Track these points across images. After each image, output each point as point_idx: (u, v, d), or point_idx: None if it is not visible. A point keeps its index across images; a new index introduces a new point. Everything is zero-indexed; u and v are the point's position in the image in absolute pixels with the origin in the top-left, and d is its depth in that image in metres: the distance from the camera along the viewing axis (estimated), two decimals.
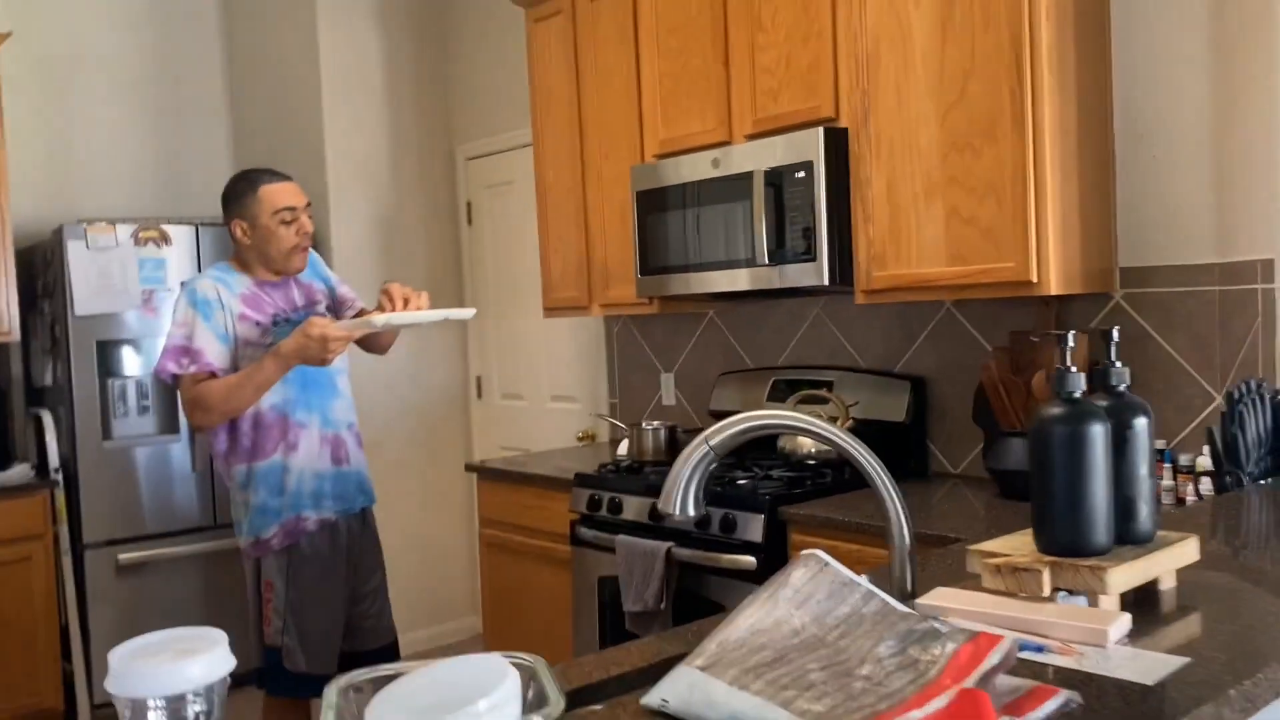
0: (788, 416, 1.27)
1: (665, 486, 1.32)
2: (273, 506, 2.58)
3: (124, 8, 4.57)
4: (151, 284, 3.92)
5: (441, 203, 4.66)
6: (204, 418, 2.52)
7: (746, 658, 0.86)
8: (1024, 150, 2.30)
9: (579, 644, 3.08)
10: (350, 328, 2.45)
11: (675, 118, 3.12)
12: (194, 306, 2.53)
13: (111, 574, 3.86)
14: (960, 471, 2.86)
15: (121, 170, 4.55)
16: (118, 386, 3.91)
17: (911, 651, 0.85)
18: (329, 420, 2.66)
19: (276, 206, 2.58)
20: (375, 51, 4.43)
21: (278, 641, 2.59)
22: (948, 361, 2.87)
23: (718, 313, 3.53)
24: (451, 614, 4.65)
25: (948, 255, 2.46)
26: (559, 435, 4.21)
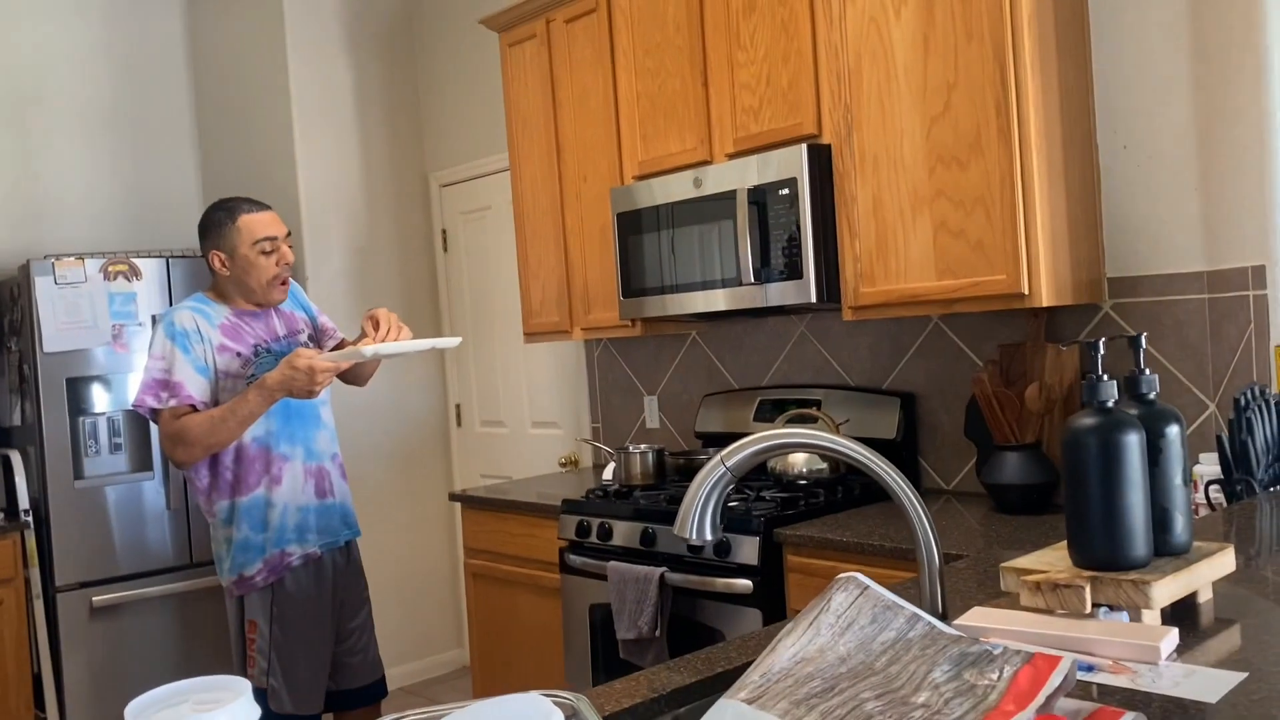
0: (806, 435, 1.24)
1: (681, 510, 1.28)
2: (256, 542, 2.51)
3: (89, 41, 4.49)
4: (122, 319, 3.83)
5: (417, 231, 4.61)
6: (185, 453, 2.45)
7: (795, 689, 0.82)
8: (1011, 162, 2.30)
9: (571, 674, 3.02)
10: (338, 358, 2.39)
11: (654, 138, 3.10)
12: (172, 339, 2.46)
13: (85, 617, 3.75)
14: (953, 487, 2.84)
15: (89, 204, 4.47)
16: (89, 424, 3.81)
17: (967, 676, 0.82)
18: (313, 452, 2.60)
19: (257, 236, 2.52)
20: (346, 80, 4.39)
21: (262, 682, 2.52)
22: (937, 376, 2.85)
23: (700, 333, 3.50)
24: (437, 647, 4.57)
25: (936, 269, 2.45)
26: (541, 462, 4.15)
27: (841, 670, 0.84)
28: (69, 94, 4.44)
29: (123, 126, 4.57)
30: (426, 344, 2.49)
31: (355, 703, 2.73)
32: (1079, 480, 1.05)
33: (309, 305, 2.80)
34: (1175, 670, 0.94)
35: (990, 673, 0.82)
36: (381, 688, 2.79)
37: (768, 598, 2.47)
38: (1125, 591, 1.02)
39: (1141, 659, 0.95)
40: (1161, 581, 1.02)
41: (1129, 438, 1.03)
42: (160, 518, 3.91)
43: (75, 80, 4.45)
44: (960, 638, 0.88)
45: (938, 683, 0.81)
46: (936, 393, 2.86)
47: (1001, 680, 0.80)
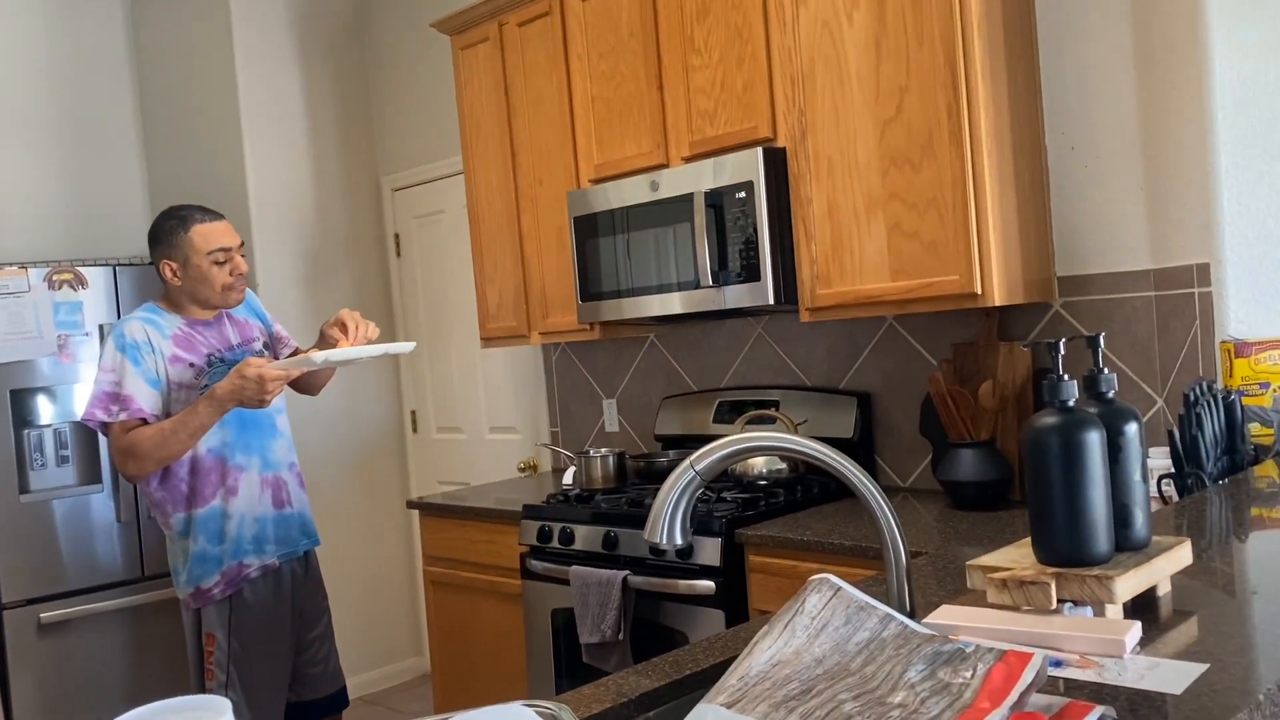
0: (774, 438, 1.25)
1: (651, 515, 1.28)
2: (213, 554, 2.48)
3: (29, 45, 4.39)
4: (67, 329, 3.75)
5: (369, 235, 4.57)
6: (136, 467, 2.40)
7: (773, 691, 0.83)
8: (963, 163, 2.34)
9: (534, 679, 3.01)
10: (288, 366, 2.36)
11: (610, 142, 3.11)
12: (122, 350, 2.42)
13: (33, 634, 3.66)
14: (910, 485, 2.88)
15: (32, 211, 4.36)
16: (34, 437, 3.73)
17: (941, 675, 0.83)
18: (269, 462, 2.57)
19: (210, 248, 2.48)
20: (295, 84, 4.33)
21: (221, 696, 2.48)
22: (892, 376, 2.89)
23: (658, 336, 3.51)
24: (396, 655, 4.53)
25: (891, 270, 2.49)
26: (499, 467, 4.13)
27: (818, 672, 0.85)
28: (8, 98, 4.33)
29: (65, 132, 4.48)
30: (379, 350, 2.47)
31: (317, 713, 2.71)
32: (1042, 478, 1.07)
33: (264, 314, 2.76)
34: (1140, 663, 0.96)
35: (964, 671, 0.83)
36: (343, 698, 2.77)
37: (730, 598, 2.48)
38: (1089, 587, 1.05)
39: (1107, 653, 0.97)
40: (1124, 576, 1.05)
41: (1090, 436, 1.06)
42: (110, 531, 3.83)
43: (14, 84, 4.35)
44: (933, 636, 0.90)
45: (913, 682, 0.83)
46: (892, 392, 2.89)
47: (975, 678, 0.82)
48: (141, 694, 3.83)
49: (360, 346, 2.44)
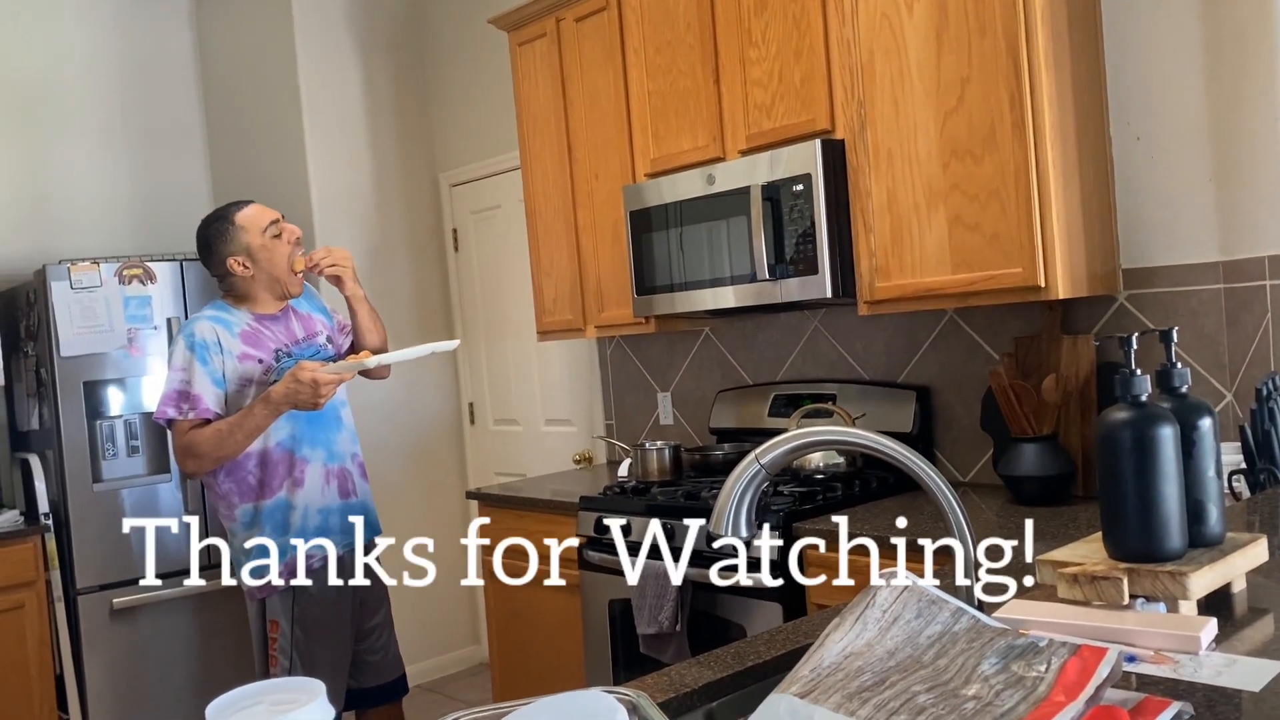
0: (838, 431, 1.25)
1: (715, 508, 1.29)
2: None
3: (99, 47, 4.51)
4: (137, 322, 3.85)
5: (427, 230, 4.63)
6: (195, 465, 2.47)
7: (846, 683, 0.84)
8: (1026, 155, 2.31)
9: (591, 669, 3.04)
10: (340, 370, 2.43)
11: (666, 136, 3.12)
12: (191, 350, 2.48)
13: (106, 619, 3.77)
14: (970, 479, 2.86)
15: (102, 209, 4.49)
16: (106, 428, 3.84)
17: (1015, 668, 0.83)
18: (334, 454, 2.63)
19: (262, 224, 2.57)
20: (356, 82, 4.40)
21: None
22: (952, 369, 2.87)
23: (713, 329, 3.51)
24: (454, 644, 4.59)
25: (952, 263, 2.47)
26: (555, 459, 4.17)
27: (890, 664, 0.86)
28: (79, 100, 4.46)
29: (133, 131, 4.60)
30: (426, 349, 2.53)
31: (377, 700, 2.76)
32: (1114, 474, 1.07)
33: (325, 307, 2.82)
34: (1216, 659, 0.96)
35: (1038, 665, 0.83)
36: (402, 685, 2.82)
37: (788, 592, 2.49)
38: (1163, 583, 1.04)
39: (1182, 649, 0.96)
40: (1199, 573, 1.04)
41: (1163, 431, 1.05)
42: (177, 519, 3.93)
43: (85, 86, 4.47)
44: (1005, 630, 0.90)
45: (987, 675, 0.83)
46: (952, 386, 2.87)
47: (1050, 672, 0.82)
48: (210, 678, 3.94)
49: (406, 349, 2.53)
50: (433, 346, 2.54)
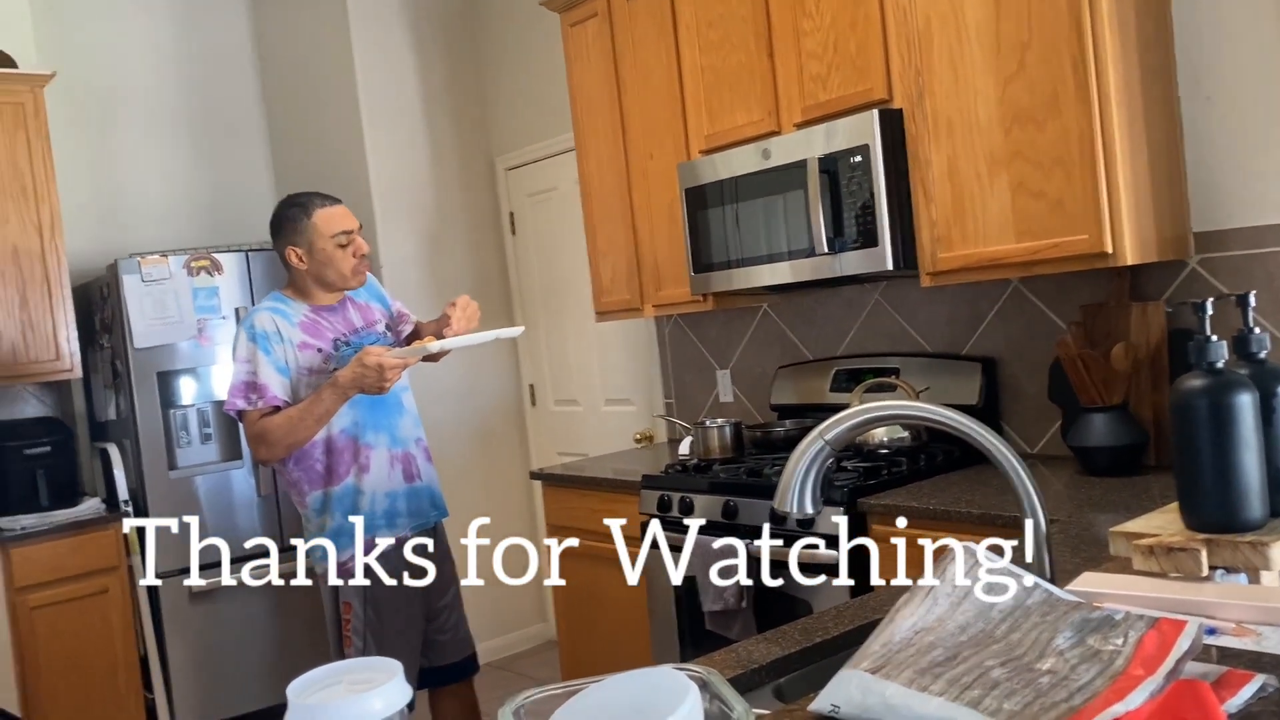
0: (904, 406, 1.24)
1: (780, 484, 1.29)
2: (348, 529, 2.58)
3: (161, 44, 4.61)
4: (206, 313, 3.94)
5: (484, 214, 4.66)
6: (268, 452, 2.52)
7: (917, 658, 0.83)
8: (1090, 119, 2.25)
9: (657, 646, 3.06)
10: (404, 355, 2.44)
11: (720, 111, 3.09)
12: (254, 340, 2.52)
13: (185, 602, 3.89)
14: (1038, 451, 2.81)
15: (169, 203, 4.60)
16: (179, 416, 3.94)
17: (1091, 642, 0.82)
18: (397, 439, 2.66)
19: (333, 231, 2.57)
20: (410, 68, 4.44)
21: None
22: (1018, 340, 2.82)
23: (772, 306, 3.49)
24: (522, 622, 4.66)
25: (1016, 231, 2.42)
26: (616, 438, 4.19)
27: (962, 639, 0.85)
28: (142, 98, 4.56)
29: (197, 126, 4.69)
30: (490, 335, 2.54)
31: (449, 679, 2.81)
32: (1190, 443, 1.04)
33: (384, 295, 2.85)
34: None
35: (1115, 638, 0.82)
36: (473, 664, 2.86)
37: (853, 567, 2.47)
38: (1243, 553, 1.02)
39: (1265, 621, 0.94)
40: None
41: (1241, 398, 1.02)
42: (251, 504, 4.04)
43: (151, 86, 4.58)
44: (1079, 604, 0.89)
45: (1061, 649, 0.82)
46: (1018, 357, 2.83)
47: (1127, 645, 0.81)
48: (286, 657, 4.04)
49: (470, 334, 2.53)
50: (497, 333, 2.55)
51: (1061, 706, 0.74)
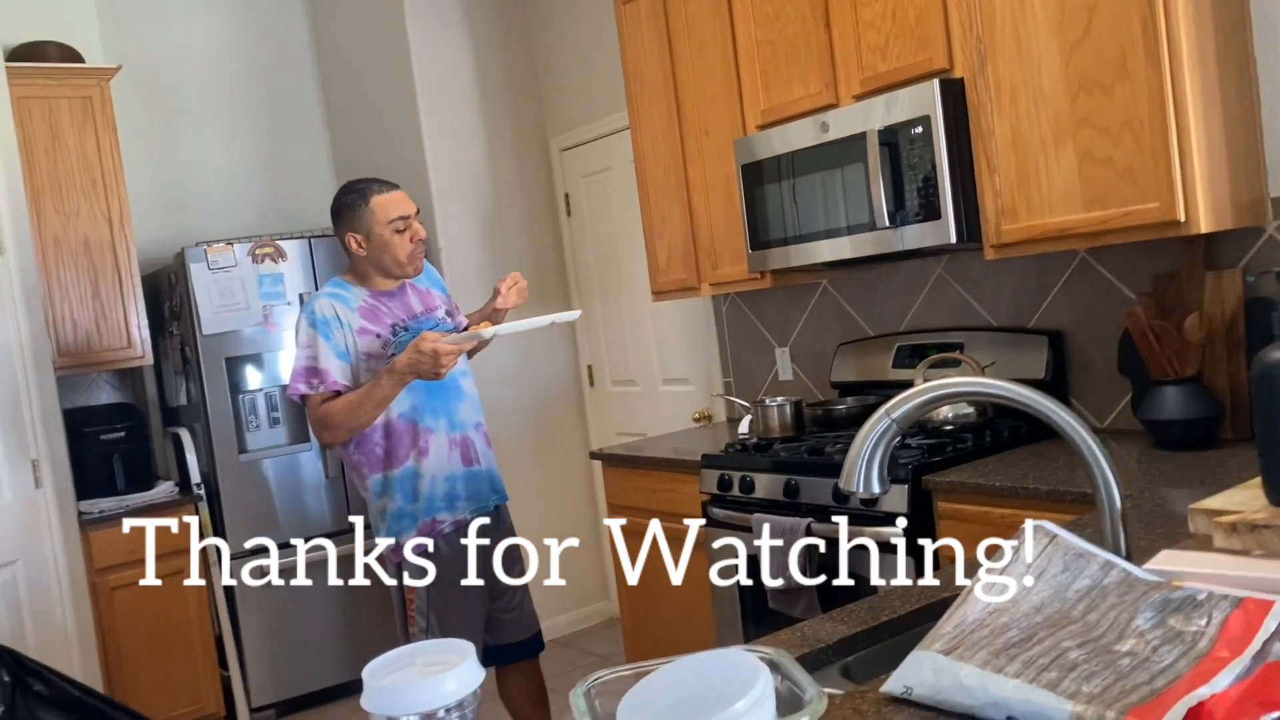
0: (971, 382, 1.22)
1: (846, 464, 1.28)
2: (409, 511, 2.62)
3: (221, 35, 4.69)
4: (271, 299, 4.01)
5: (540, 196, 4.67)
6: (330, 436, 2.56)
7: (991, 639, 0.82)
8: (1161, 83, 2.18)
9: (720, 624, 3.06)
10: (460, 340, 2.46)
11: (776, 85, 3.06)
12: (314, 326, 2.56)
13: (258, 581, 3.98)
14: (1108, 425, 2.75)
15: (233, 191, 4.68)
16: (247, 401, 4.02)
17: (1172, 623, 0.80)
18: (456, 423, 2.68)
19: (390, 216, 2.59)
20: (465, 52, 4.45)
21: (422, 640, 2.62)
22: (1086, 312, 2.76)
23: (831, 282, 3.46)
24: (585, 600, 4.69)
25: (1083, 201, 2.36)
26: (674, 418, 4.19)
27: (1037, 620, 0.84)
28: (208, 92, 4.65)
29: (258, 115, 4.77)
30: (546, 320, 2.54)
31: (514, 657, 2.84)
32: (1274, 416, 1.01)
33: (442, 282, 2.88)
34: None
35: (1198, 619, 0.80)
36: (538, 642, 2.88)
37: (919, 546, 2.45)
38: None
39: None
40: None
41: None
42: (319, 486, 4.11)
43: (212, 75, 4.66)
44: (1158, 583, 0.86)
45: (1141, 630, 0.80)
46: (1086, 329, 2.76)
47: (1211, 626, 0.78)
48: (355, 636, 4.12)
49: (526, 320, 2.54)
50: (553, 317, 2.55)
51: (1143, 689, 0.73)
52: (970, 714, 0.80)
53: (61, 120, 3.86)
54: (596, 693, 0.79)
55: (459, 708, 0.77)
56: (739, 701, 0.70)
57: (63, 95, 3.87)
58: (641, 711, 0.73)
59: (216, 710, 3.93)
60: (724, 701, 0.70)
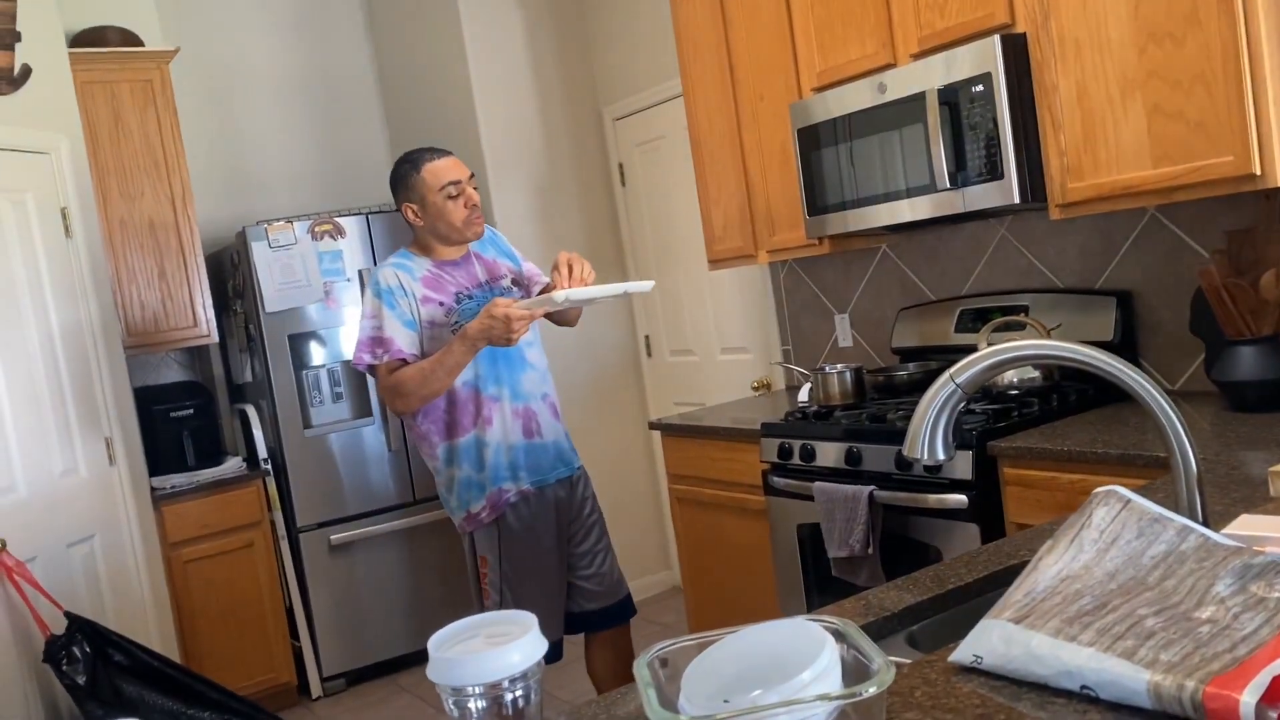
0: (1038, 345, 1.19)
1: (910, 430, 1.25)
2: (476, 480, 2.63)
3: (278, 16, 4.73)
4: (331, 276, 4.06)
5: (594, 166, 4.66)
6: (403, 404, 2.57)
7: (1064, 607, 0.80)
8: (1234, 31, 2.09)
9: (783, 592, 3.06)
10: (532, 306, 2.43)
11: (832, 46, 3.00)
12: (378, 296, 2.58)
13: (325, 554, 4.06)
14: (1180, 387, 2.68)
15: (290, 169, 4.74)
16: (311, 377, 4.09)
17: (1254, 589, 0.77)
18: (519, 393, 2.67)
19: (442, 182, 2.60)
20: (517, 22, 4.44)
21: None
22: (1155, 271, 2.68)
23: (891, 246, 3.40)
24: (647, 569, 4.72)
25: (1152, 156, 2.28)
26: (733, 387, 4.17)
27: (1111, 587, 0.81)
28: (262, 69, 4.70)
29: (314, 93, 4.81)
30: (620, 288, 2.51)
31: (603, 623, 2.79)
32: None
33: (512, 252, 2.86)
34: None
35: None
36: (628, 606, 2.84)
37: (984, 512, 2.41)
38: None
39: None
40: None
41: None
42: (382, 459, 4.18)
43: (266, 55, 4.71)
44: (1239, 549, 0.84)
45: (1222, 596, 0.77)
46: (1156, 289, 2.68)
47: None
48: (421, 606, 4.19)
49: (600, 286, 2.49)
50: (626, 286, 2.51)
51: (1225, 657, 0.70)
52: (1043, 684, 0.78)
53: (123, 104, 3.93)
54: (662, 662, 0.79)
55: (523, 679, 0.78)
56: (805, 671, 0.69)
57: (124, 79, 3.94)
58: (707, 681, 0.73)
59: (289, 679, 4.03)
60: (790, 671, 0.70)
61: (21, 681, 2.93)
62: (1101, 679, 0.74)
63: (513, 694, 0.79)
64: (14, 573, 2.91)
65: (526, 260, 2.88)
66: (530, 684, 0.79)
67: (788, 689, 0.68)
